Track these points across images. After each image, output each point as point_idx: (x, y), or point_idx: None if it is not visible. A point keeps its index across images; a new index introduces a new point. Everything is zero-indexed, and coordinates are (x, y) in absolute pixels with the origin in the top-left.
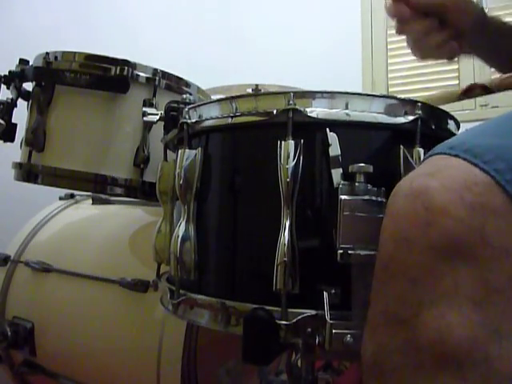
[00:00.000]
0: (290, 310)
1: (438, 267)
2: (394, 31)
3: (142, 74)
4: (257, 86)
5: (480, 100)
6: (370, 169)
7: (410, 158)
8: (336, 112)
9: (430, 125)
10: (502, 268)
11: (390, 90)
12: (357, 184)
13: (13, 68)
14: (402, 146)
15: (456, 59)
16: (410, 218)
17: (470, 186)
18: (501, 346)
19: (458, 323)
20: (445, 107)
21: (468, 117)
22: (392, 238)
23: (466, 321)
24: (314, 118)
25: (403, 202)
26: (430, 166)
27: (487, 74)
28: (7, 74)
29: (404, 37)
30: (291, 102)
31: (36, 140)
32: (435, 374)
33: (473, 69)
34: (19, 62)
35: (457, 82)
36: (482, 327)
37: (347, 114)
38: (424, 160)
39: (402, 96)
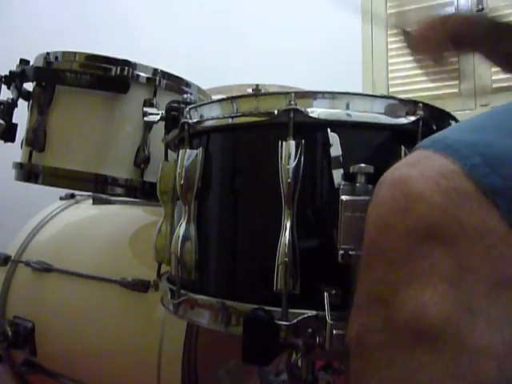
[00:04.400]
0: (290, 310)
1: (415, 250)
2: (393, 31)
3: (142, 74)
4: (257, 85)
5: (480, 100)
6: (371, 169)
7: None
8: (337, 112)
9: (431, 125)
10: (474, 249)
11: (391, 90)
12: (358, 184)
13: (13, 68)
14: (403, 147)
15: (456, 59)
16: (390, 204)
17: (445, 173)
18: (473, 323)
19: (433, 302)
20: (445, 107)
21: (468, 116)
22: (374, 225)
23: (440, 299)
24: (315, 118)
25: (385, 190)
26: (411, 158)
27: (488, 73)
28: (8, 74)
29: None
30: (292, 102)
31: (36, 140)
32: (412, 350)
33: (473, 69)
34: (20, 62)
35: (457, 82)
36: (455, 305)
37: (348, 115)
38: (411, 152)
39: (403, 96)
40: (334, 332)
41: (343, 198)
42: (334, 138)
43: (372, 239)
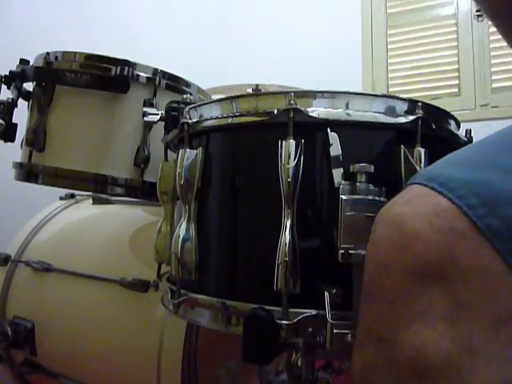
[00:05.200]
0: (290, 309)
1: (413, 289)
2: (393, 31)
3: (142, 74)
4: (257, 85)
5: (480, 100)
6: (371, 169)
7: (410, 157)
8: (337, 112)
9: (431, 125)
10: (471, 287)
11: (390, 89)
12: (358, 184)
13: (13, 68)
14: (402, 146)
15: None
16: (387, 243)
17: (438, 212)
18: (472, 360)
19: (432, 340)
20: (445, 107)
21: (468, 117)
22: (372, 263)
23: (439, 338)
24: (314, 117)
25: (381, 228)
26: (406, 195)
27: (487, 73)
28: (8, 74)
29: (404, 37)
30: (292, 101)
31: (36, 140)
32: None
33: (473, 69)
34: (20, 62)
35: (457, 81)
36: (454, 343)
37: (348, 114)
38: (406, 187)
39: (403, 96)
40: (335, 331)
41: (343, 197)
42: (333, 137)
43: (371, 277)
